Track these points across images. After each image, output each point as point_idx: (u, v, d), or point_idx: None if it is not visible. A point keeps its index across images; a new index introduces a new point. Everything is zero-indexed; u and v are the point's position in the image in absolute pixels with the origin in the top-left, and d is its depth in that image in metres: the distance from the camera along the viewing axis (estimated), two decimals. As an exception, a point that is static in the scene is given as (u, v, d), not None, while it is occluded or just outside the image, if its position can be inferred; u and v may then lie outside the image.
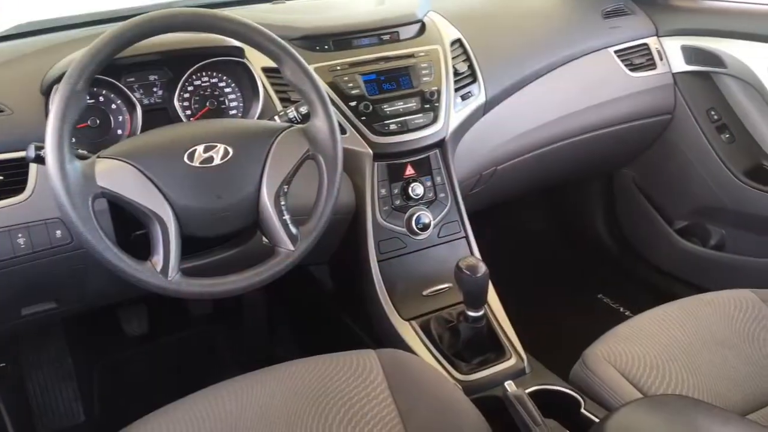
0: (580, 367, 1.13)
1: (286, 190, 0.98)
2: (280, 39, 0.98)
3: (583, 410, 1.07)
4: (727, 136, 1.67)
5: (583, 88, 1.61)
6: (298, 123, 1.07)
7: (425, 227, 1.32)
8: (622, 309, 1.93)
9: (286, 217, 0.98)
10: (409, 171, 1.33)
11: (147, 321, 1.76)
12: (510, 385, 1.06)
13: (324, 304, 1.66)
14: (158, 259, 0.91)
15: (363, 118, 1.28)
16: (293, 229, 0.99)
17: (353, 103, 1.28)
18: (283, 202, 0.98)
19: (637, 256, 2.02)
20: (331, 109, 1.01)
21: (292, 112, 1.10)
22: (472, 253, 1.37)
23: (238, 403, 0.97)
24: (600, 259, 2.13)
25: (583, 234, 2.17)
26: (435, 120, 1.33)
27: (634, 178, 1.94)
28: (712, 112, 1.68)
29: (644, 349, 1.12)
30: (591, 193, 2.09)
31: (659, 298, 1.25)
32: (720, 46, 1.59)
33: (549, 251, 2.27)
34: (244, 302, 1.84)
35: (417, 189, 1.32)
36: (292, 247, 0.99)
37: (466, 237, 1.38)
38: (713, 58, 1.61)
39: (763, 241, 1.64)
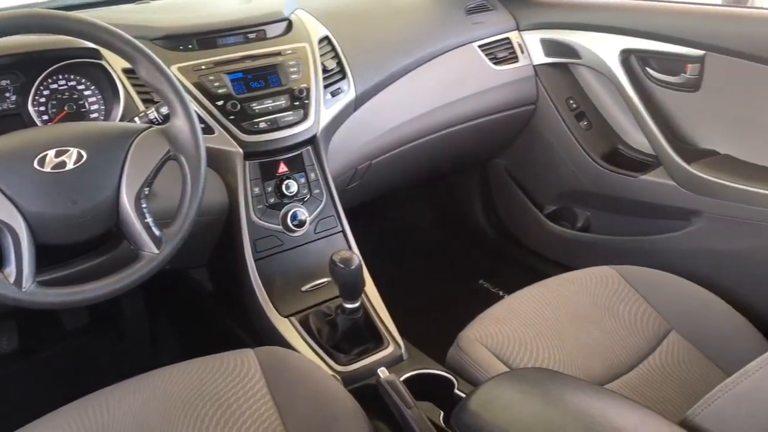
0: (454, 350, 1.18)
1: (147, 192, 0.96)
2: (132, 38, 0.96)
3: (456, 390, 1.11)
4: (585, 123, 1.77)
5: (451, 82, 1.66)
6: (159, 124, 1.05)
7: (301, 224, 1.33)
8: (501, 293, 2.00)
9: (149, 219, 0.97)
10: (282, 168, 1.33)
11: (17, 337, 1.67)
12: (383, 372, 1.09)
13: (205, 306, 1.63)
14: (11, 270, 0.87)
15: (231, 117, 1.27)
16: (157, 232, 0.97)
17: (220, 103, 1.26)
18: (144, 205, 0.96)
19: (513, 241, 2.10)
20: (191, 108, 1.00)
21: (152, 113, 1.08)
22: (349, 247, 1.39)
23: (110, 413, 0.95)
24: (481, 246, 2.21)
25: (464, 223, 2.24)
26: (305, 117, 1.34)
27: (506, 167, 2.02)
28: (571, 101, 1.78)
29: (514, 328, 1.18)
30: (469, 183, 2.16)
31: (536, 280, 1.32)
32: (574, 38, 1.68)
33: (432, 241, 2.33)
34: (124, 311, 1.78)
35: (291, 186, 1.33)
36: (156, 251, 0.97)
37: (343, 231, 1.40)
38: (569, 50, 1.70)
39: (622, 220, 1.75)
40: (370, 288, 1.33)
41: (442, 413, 1.09)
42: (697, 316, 1.23)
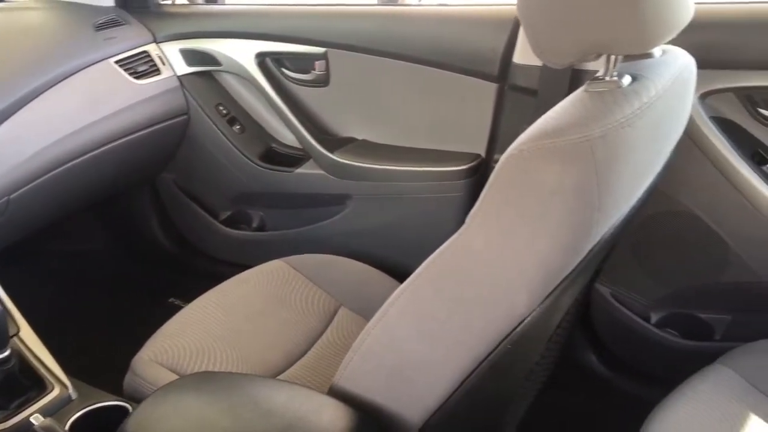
0: (130, 377, 1.14)
1: None
2: None
3: None
4: (239, 127, 1.82)
5: (91, 101, 1.58)
6: None
7: None
8: (193, 307, 1.98)
9: None
10: None
11: None
12: (37, 419, 1.01)
13: None
14: None
15: None
16: None
17: None
18: None
19: (197, 253, 2.08)
20: None
21: None
22: (-5, 295, 1.26)
23: None
24: (165, 263, 2.15)
25: (144, 243, 2.16)
26: None
27: (174, 180, 1.99)
28: (221, 107, 1.81)
29: (190, 338, 1.18)
30: (142, 201, 2.09)
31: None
32: (212, 46, 1.72)
33: (112, 267, 2.21)
34: None
35: None
36: None
37: (-17, 279, 1.26)
38: (209, 58, 1.74)
39: (291, 214, 1.83)
40: (27, 333, 1.22)
41: (116, 444, 1.04)
42: (360, 289, 1.34)
